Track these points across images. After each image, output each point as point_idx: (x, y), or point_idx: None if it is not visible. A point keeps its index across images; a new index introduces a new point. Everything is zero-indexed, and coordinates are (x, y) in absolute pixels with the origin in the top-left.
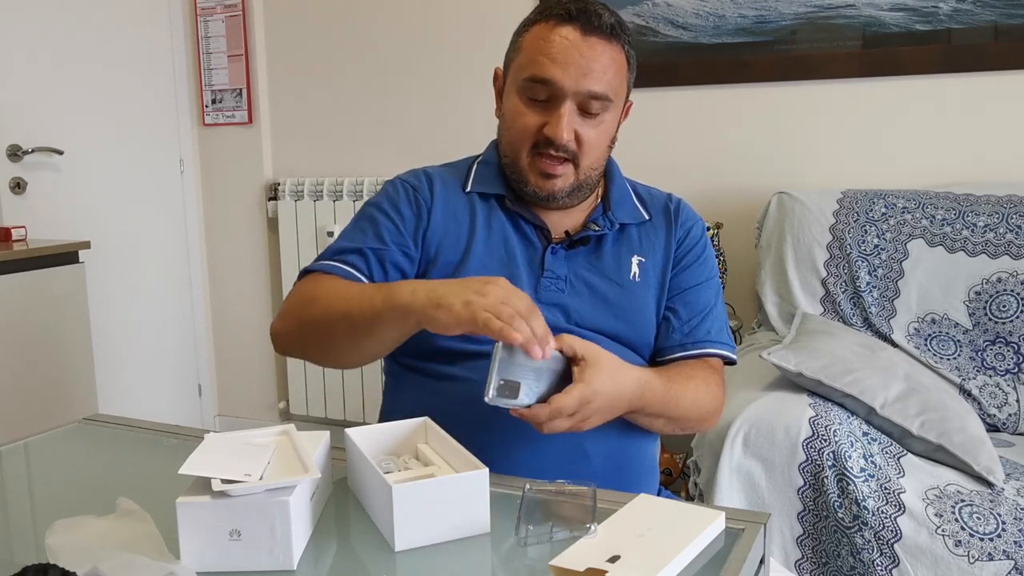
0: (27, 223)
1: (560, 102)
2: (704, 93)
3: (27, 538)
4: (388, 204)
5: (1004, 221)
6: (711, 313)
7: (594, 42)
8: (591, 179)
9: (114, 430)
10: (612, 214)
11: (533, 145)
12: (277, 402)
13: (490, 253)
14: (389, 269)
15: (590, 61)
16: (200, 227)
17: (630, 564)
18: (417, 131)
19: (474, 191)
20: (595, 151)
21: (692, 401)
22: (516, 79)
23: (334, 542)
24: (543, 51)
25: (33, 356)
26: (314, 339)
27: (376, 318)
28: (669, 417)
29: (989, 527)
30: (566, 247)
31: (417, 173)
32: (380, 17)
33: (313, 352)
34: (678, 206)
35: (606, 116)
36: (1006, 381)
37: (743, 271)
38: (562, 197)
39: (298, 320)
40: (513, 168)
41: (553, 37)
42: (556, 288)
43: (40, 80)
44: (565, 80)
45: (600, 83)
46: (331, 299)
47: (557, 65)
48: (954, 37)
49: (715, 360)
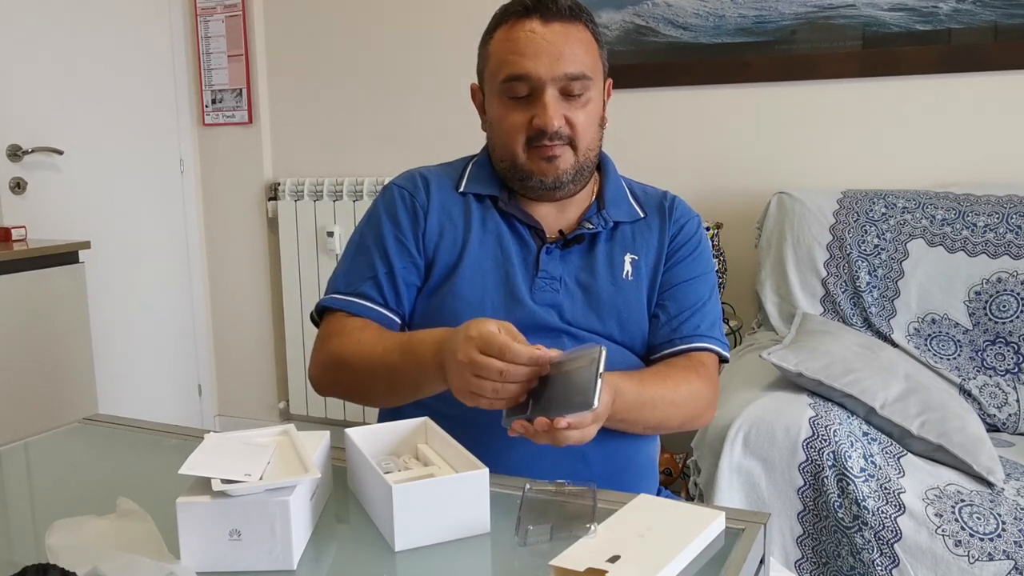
0: (27, 223)
1: (541, 92)
2: (704, 93)
3: (27, 538)
4: (388, 218)
5: (1004, 221)
6: (702, 308)
7: (557, 27)
8: (590, 161)
9: (114, 430)
10: (606, 212)
11: (527, 141)
12: (277, 402)
13: (485, 254)
14: (402, 291)
15: (558, 46)
16: (200, 227)
17: (630, 564)
18: (417, 131)
19: (468, 192)
20: (588, 131)
21: (670, 402)
22: (493, 85)
23: (334, 542)
24: (511, 50)
25: (33, 356)
26: (357, 395)
27: (417, 385)
28: (647, 422)
29: (989, 527)
30: (561, 246)
31: (412, 175)
32: (380, 17)
33: (357, 399)
34: (672, 203)
35: (590, 95)
36: (1006, 381)
37: (743, 271)
38: (567, 181)
39: (335, 379)
40: (513, 169)
41: (517, 34)
42: (551, 288)
43: (40, 80)
44: (540, 69)
45: (574, 63)
46: (364, 364)
47: (528, 58)
48: (954, 37)
49: (705, 355)
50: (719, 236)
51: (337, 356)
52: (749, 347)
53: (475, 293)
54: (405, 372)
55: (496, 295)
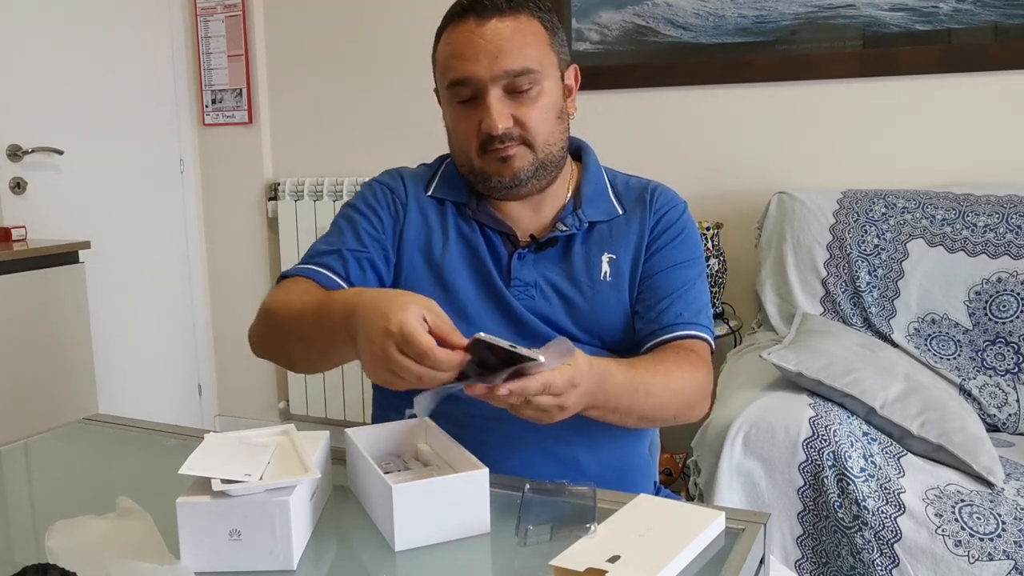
0: (27, 223)
1: (485, 94)
2: (704, 93)
3: (27, 538)
4: (365, 206)
5: (1004, 221)
6: (685, 296)
7: (494, 23)
8: (553, 156)
9: (114, 430)
10: (582, 211)
11: (480, 145)
12: (277, 402)
13: (463, 260)
14: (367, 269)
15: (497, 42)
16: (200, 227)
17: (630, 564)
18: (417, 131)
19: (435, 196)
20: (543, 127)
21: (664, 387)
22: (443, 91)
23: (334, 542)
24: (451, 53)
25: (33, 356)
26: (280, 353)
27: (326, 349)
28: (642, 410)
29: (989, 527)
30: (534, 250)
31: (393, 175)
32: (380, 17)
33: (282, 360)
34: (654, 192)
35: (541, 87)
36: (1006, 381)
37: (743, 271)
38: (526, 179)
39: (261, 335)
40: (471, 174)
41: (455, 36)
42: (526, 295)
43: (40, 80)
44: (479, 70)
45: (516, 59)
46: (284, 318)
47: (467, 60)
48: (954, 37)
49: (694, 343)
50: (719, 236)
51: (266, 309)
52: (749, 347)
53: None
54: (316, 332)
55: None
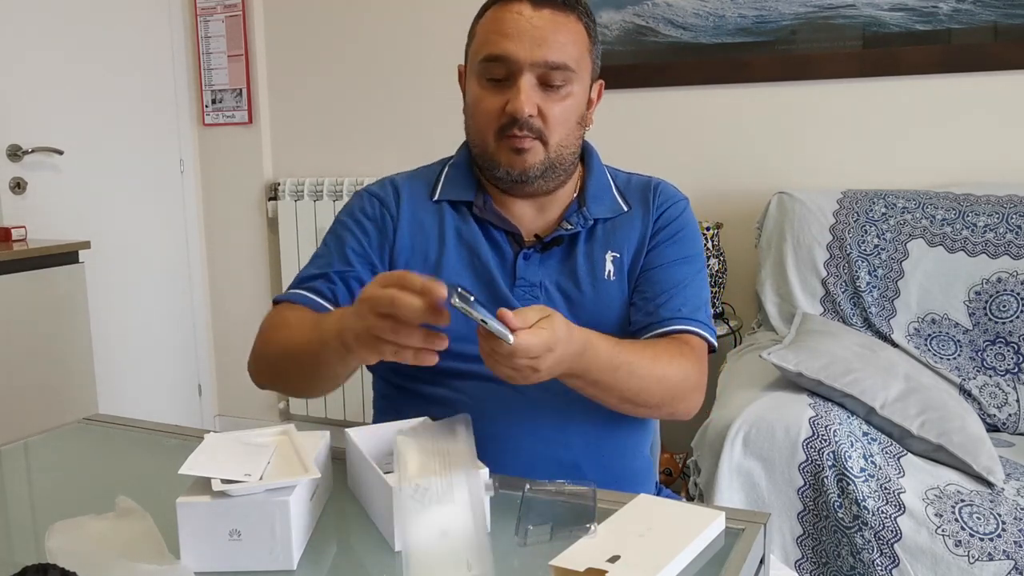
0: (27, 223)
1: (518, 76)
2: (704, 93)
3: (27, 538)
4: (353, 221)
5: (1004, 221)
6: (683, 291)
7: (546, 13)
8: (564, 159)
9: (114, 430)
10: (587, 210)
11: (499, 128)
12: (277, 402)
13: (463, 264)
14: (355, 289)
15: (544, 32)
16: (200, 227)
17: (630, 564)
18: (417, 131)
19: (442, 199)
20: (563, 127)
21: (649, 372)
22: (473, 65)
23: (334, 542)
24: (495, 30)
25: (33, 356)
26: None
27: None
28: (623, 390)
29: (989, 527)
30: (539, 250)
31: (384, 184)
32: (380, 17)
33: (282, 387)
34: (657, 189)
35: (571, 89)
36: (1006, 381)
37: (743, 271)
38: (535, 177)
39: (261, 358)
40: (483, 156)
41: (504, 15)
42: (531, 296)
43: (40, 80)
44: (520, 52)
45: (557, 53)
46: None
47: (510, 39)
48: (954, 37)
49: (690, 338)
50: (719, 236)
51: (263, 339)
52: (749, 347)
53: None
54: (309, 347)
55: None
